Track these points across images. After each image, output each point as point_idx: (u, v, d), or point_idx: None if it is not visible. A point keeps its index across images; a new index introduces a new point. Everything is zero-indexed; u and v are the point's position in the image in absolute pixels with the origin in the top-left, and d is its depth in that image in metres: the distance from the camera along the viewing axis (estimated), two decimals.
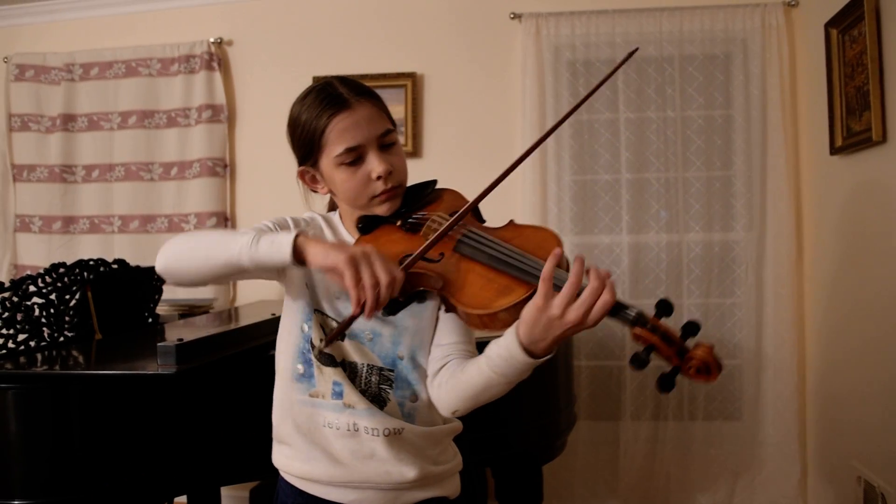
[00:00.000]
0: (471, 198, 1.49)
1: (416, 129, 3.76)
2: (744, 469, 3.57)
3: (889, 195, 2.70)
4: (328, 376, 1.47)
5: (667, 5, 3.54)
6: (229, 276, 1.41)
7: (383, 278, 1.23)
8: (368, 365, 1.48)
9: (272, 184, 3.83)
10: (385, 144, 1.48)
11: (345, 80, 1.50)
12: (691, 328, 1.19)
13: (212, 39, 3.91)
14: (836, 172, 3.19)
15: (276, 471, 1.60)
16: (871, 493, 2.81)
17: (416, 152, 3.74)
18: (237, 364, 2.24)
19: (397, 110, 3.77)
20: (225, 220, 3.93)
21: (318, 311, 1.49)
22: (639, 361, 1.18)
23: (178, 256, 1.42)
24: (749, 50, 3.51)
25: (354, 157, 1.45)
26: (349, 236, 1.58)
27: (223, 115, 3.90)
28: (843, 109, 3.02)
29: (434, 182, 1.60)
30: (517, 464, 2.71)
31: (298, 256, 1.29)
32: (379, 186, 1.46)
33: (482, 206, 1.51)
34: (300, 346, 1.51)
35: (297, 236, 1.30)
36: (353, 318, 1.28)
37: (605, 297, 1.18)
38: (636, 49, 1.57)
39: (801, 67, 3.51)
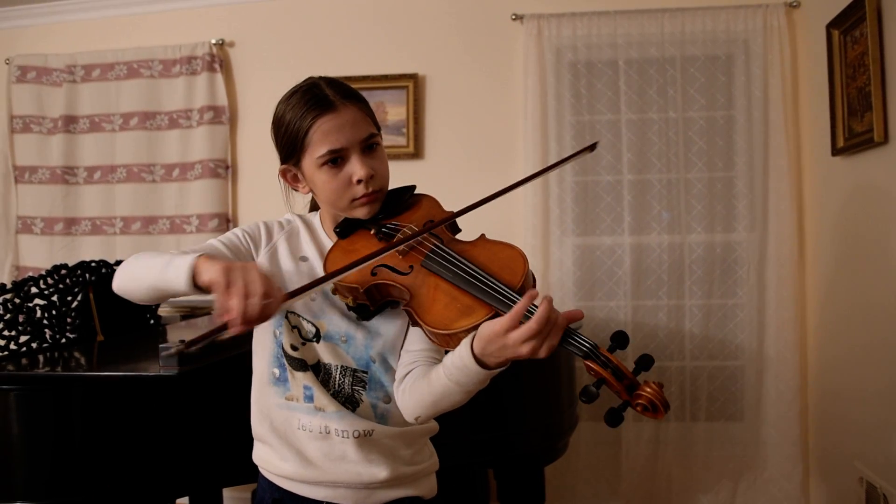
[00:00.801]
0: (442, 196, 1.52)
1: (418, 130, 3.76)
2: (746, 470, 3.57)
3: (891, 196, 2.70)
4: (299, 380, 1.50)
5: (668, 6, 3.53)
6: (164, 298, 1.41)
7: (256, 290, 1.16)
8: (342, 367, 1.50)
9: (274, 185, 3.81)
10: (368, 147, 1.49)
11: (332, 82, 1.51)
12: (644, 363, 1.22)
13: (213, 41, 3.91)
14: (837, 173, 3.19)
15: None
16: (872, 494, 2.81)
17: (417, 153, 3.74)
18: (239, 365, 2.24)
19: (399, 111, 3.77)
20: (227, 221, 3.93)
21: (291, 313, 1.51)
22: (588, 395, 1.21)
23: (123, 278, 1.44)
24: (751, 51, 3.51)
25: (336, 158, 1.46)
26: (327, 239, 1.59)
27: (225, 116, 3.91)
28: (844, 110, 3.01)
29: (412, 188, 1.61)
30: (519, 465, 2.71)
31: (197, 279, 1.25)
32: (359, 190, 1.47)
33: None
34: (274, 352, 1.53)
35: (198, 257, 1.26)
36: (219, 329, 1.18)
37: (550, 342, 1.21)
38: (596, 143, 1.58)
39: (803, 68, 3.50)
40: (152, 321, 3.07)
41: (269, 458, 1.56)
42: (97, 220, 4.05)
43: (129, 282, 1.43)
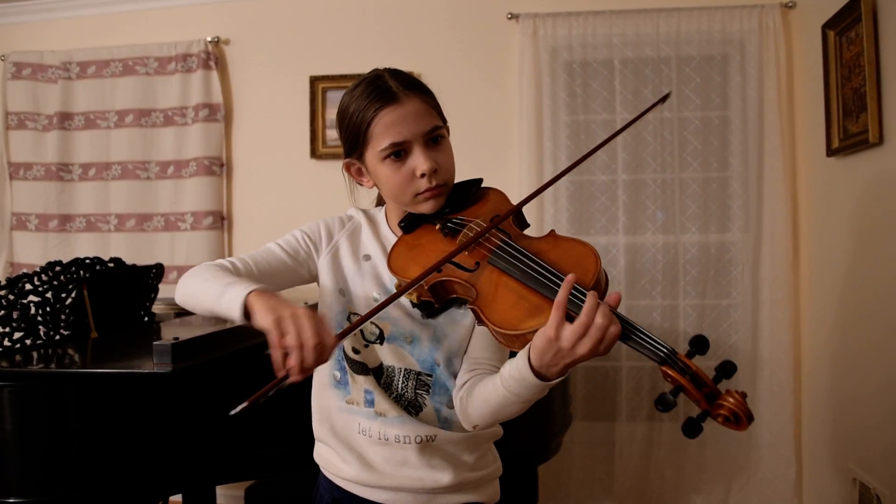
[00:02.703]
0: (516, 200, 1.46)
1: None
2: (739, 470, 3.58)
3: (886, 197, 2.70)
4: (360, 384, 1.48)
5: (664, 6, 3.54)
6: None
7: (309, 341, 1.15)
8: (405, 369, 1.47)
9: (268, 182, 3.84)
10: (432, 140, 1.46)
11: (396, 73, 1.48)
12: (726, 370, 1.14)
13: (209, 38, 3.91)
14: (832, 174, 3.19)
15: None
16: (866, 495, 2.81)
17: None
18: (233, 363, 2.24)
19: None
20: (221, 218, 3.93)
21: (354, 315, 1.49)
22: (665, 403, 1.12)
23: (184, 297, 1.42)
24: (746, 51, 3.51)
25: (399, 152, 1.42)
26: (391, 234, 1.56)
27: (220, 113, 3.90)
28: (839, 111, 3.02)
29: (479, 181, 1.57)
30: (512, 464, 2.70)
31: (251, 318, 1.25)
32: (423, 184, 1.43)
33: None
34: (336, 354, 1.50)
35: (249, 293, 1.25)
36: (278, 382, 1.19)
37: (612, 332, 1.14)
38: (669, 93, 1.53)
39: (798, 69, 3.51)
40: (146, 318, 3.07)
41: (331, 459, 1.54)
42: (92, 216, 4.05)
43: (190, 300, 1.41)
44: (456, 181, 1.54)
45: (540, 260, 1.28)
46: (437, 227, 1.46)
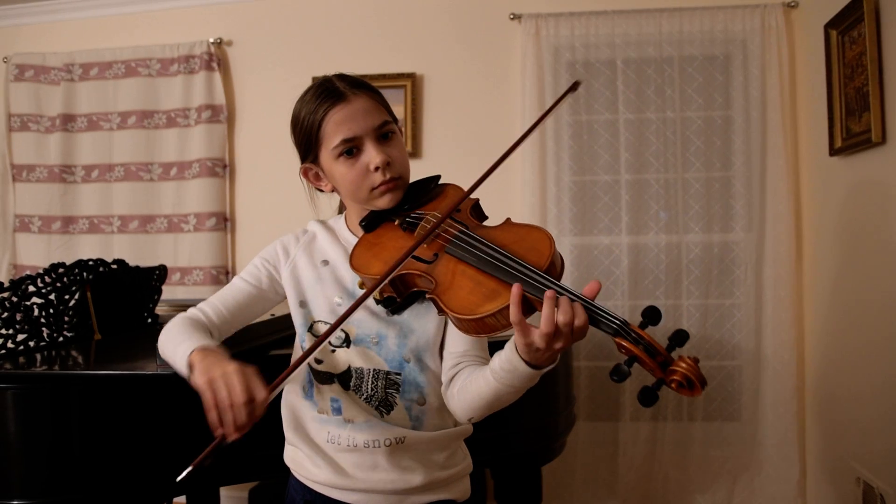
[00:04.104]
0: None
1: (416, 129, 3.77)
2: (743, 470, 3.57)
3: (888, 196, 2.70)
4: (326, 394, 1.50)
5: (666, 6, 3.54)
6: None
7: (238, 399, 1.23)
8: (374, 370, 1.48)
9: (271, 184, 3.84)
10: (382, 136, 1.48)
11: (343, 76, 1.51)
12: (678, 338, 1.16)
13: (211, 40, 3.91)
14: (835, 173, 3.19)
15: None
16: (870, 494, 2.81)
17: (415, 153, 3.74)
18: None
19: (397, 111, 3.76)
20: (224, 220, 3.93)
21: (319, 322, 1.51)
22: (619, 373, 1.15)
23: (161, 354, 1.52)
24: (748, 51, 3.51)
25: (352, 148, 1.46)
26: (351, 236, 1.58)
27: (223, 115, 3.90)
28: (842, 110, 3.02)
29: (437, 178, 1.59)
30: (516, 464, 2.70)
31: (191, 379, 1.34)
32: (377, 178, 1.46)
33: (485, 202, 1.51)
34: (304, 366, 1.54)
35: (191, 353, 1.36)
36: (217, 443, 1.27)
37: (578, 325, 1.16)
38: (578, 82, 1.54)
39: (801, 68, 3.51)
40: (150, 320, 3.07)
41: (302, 462, 1.56)
42: (95, 218, 4.05)
43: (165, 358, 1.50)
44: (451, 181, 1.58)
45: (495, 246, 1.32)
46: (397, 223, 1.49)
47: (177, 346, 1.41)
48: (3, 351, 2.33)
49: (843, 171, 3.11)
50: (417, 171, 1.57)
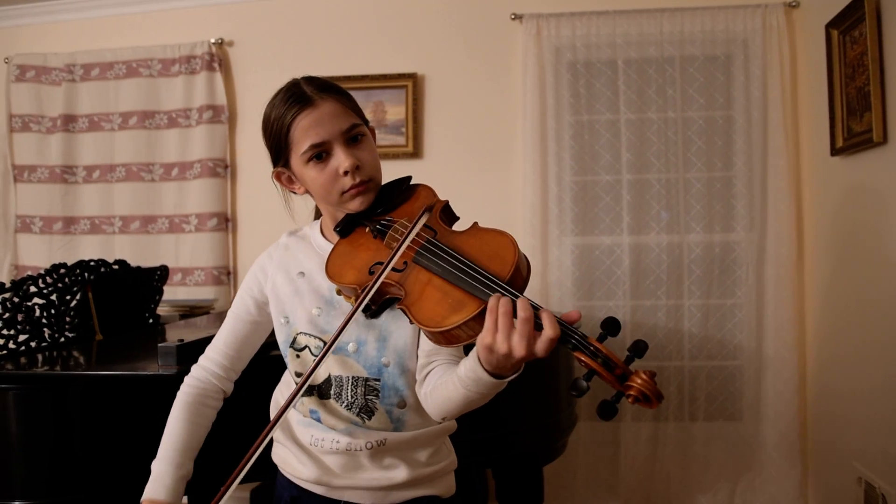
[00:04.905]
0: (441, 195, 1.50)
1: (417, 129, 3.76)
2: (744, 470, 3.57)
3: (890, 196, 2.70)
4: (306, 405, 1.54)
5: (668, 6, 3.54)
6: None
7: None
8: (353, 377, 1.49)
9: (272, 184, 3.84)
10: (352, 139, 1.48)
11: (311, 80, 1.51)
12: (637, 349, 1.15)
13: (213, 40, 3.91)
14: (836, 173, 3.19)
15: (274, 473, 1.64)
16: (871, 494, 2.81)
17: (416, 153, 3.74)
18: None
19: (398, 111, 3.77)
20: (226, 220, 3.93)
21: (301, 334, 1.53)
22: (577, 388, 1.14)
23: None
24: (750, 51, 3.51)
25: (321, 153, 1.45)
26: (326, 243, 1.58)
27: (224, 115, 3.91)
28: (843, 110, 3.01)
29: (408, 179, 1.58)
30: (518, 465, 2.71)
31: None
32: (347, 182, 1.45)
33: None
34: (290, 378, 1.60)
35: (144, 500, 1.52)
36: None
37: (522, 315, 1.14)
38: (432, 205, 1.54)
39: (802, 68, 3.51)
40: (151, 320, 3.07)
41: (288, 460, 1.58)
42: (96, 219, 4.05)
43: None
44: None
45: (460, 256, 1.30)
46: (367, 229, 1.49)
47: (157, 455, 1.62)
48: (5, 351, 2.34)
49: (844, 170, 3.11)
50: (418, 171, 1.58)
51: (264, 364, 1.74)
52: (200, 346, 1.66)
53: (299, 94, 1.46)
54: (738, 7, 3.49)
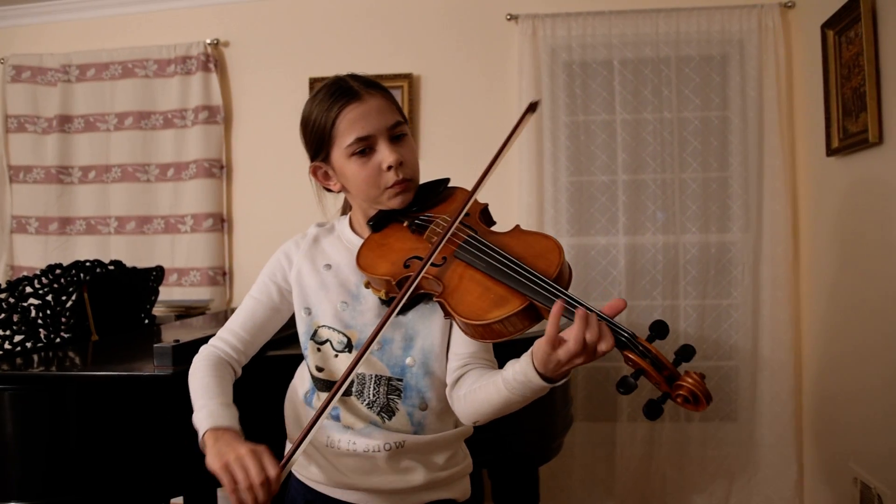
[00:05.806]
0: (481, 199, 1.50)
1: (413, 129, 3.76)
2: (740, 470, 3.57)
3: (885, 196, 2.71)
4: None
5: (663, 6, 3.54)
6: None
7: (256, 481, 1.25)
8: (376, 376, 1.48)
9: (269, 185, 3.84)
10: (395, 136, 1.48)
11: (356, 76, 1.52)
12: (685, 353, 1.17)
13: (208, 41, 3.91)
14: (832, 173, 3.19)
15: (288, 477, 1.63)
16: (867, 494, 2.81)
17: None
18: None
19: None
20: (221, 221, 3.93)
21: (323, 327, 1.51)
22: (626, 386, 1.15)
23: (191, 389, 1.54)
24: (745, 51, 3.51)
25: (365, 147, 1.45)
26: (355, 238, 1.57)
27: (220, 116, 3.90)
28: (839, 111, 3.02)
29: (446, 181, 1.60)
30: (514, 465, 2.71)
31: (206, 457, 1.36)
32: (390, 177, 1.46)
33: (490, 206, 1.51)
34: (306, 372, 1.56)
35: (205, 433, 1.39)
36: None
37: (602, 348, 1.16)
38: (536, 102, 1.55)
39: (798, 69, 3.51)
40: (147, 321, 3.07)
41: (302, 462, 1.56)
42: (92, 219, 4.05)
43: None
44: (451, 184, 1.59)
45: (505, 252, 1.32)
46: (405, 224, 1.49)
47: (196, 405, 1.47)
48: (1, 352, 2.33)
49: (840, 171, 3.12)
50: None
51: (260, 365, 1.74)
52: (196, 346, 1.65)
53: (346, 88, 1.47)
54: (734, 7, 3.49)
